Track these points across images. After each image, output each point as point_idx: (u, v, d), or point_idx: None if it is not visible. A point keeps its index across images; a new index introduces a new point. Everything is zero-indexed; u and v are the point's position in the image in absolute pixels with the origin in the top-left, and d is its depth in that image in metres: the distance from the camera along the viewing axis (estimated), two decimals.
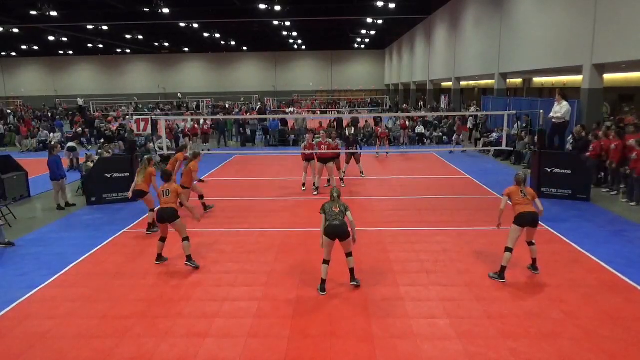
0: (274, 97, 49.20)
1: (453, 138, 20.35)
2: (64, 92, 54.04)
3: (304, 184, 12.52)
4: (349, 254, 6.58)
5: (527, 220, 6.65)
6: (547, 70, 18.35)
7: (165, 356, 5.08)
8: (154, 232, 8.94)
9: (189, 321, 5.79)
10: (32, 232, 9.47)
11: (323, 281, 6.48)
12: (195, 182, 10.41)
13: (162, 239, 7.63)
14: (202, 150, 20.26)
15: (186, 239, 7.37)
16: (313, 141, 12.31)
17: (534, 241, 6.93)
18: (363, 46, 53.77)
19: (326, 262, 6.48)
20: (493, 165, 16.65)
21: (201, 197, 10.62)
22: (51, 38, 38.76)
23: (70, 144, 17.17)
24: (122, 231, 9.42)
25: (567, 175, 11.07)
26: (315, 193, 12.05)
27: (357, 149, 14.34)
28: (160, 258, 7.69)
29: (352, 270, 6.65)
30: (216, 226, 9.62)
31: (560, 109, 11.99)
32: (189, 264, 7.38)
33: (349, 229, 6.44)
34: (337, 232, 6.35)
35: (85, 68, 56.55)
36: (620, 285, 6.58)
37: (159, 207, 7.49)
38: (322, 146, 11.98)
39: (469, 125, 21.62)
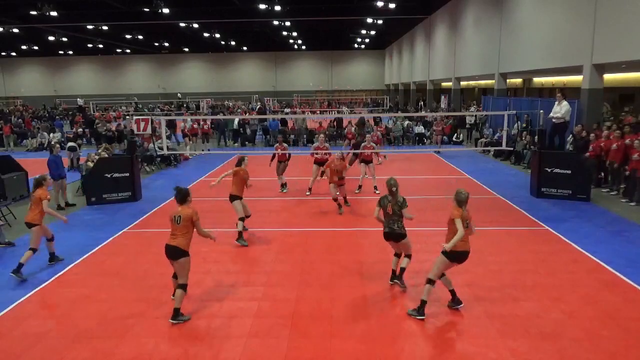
0: (274, 97, 49.19)
1: (433, 138, 20.38)
2: (64, 92, 54.01)
3: (310, 189, 12.32)
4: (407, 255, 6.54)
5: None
6: (547, 70, 18.35)
7: (165, 356, 5.08)
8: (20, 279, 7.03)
9: (189, 321, 5.78)
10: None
11: (393, 272, 6.63)
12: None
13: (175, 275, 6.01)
14: (202, 150, 20.29)
15: (183, 286, 5.77)
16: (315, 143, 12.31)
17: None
18: (363, 46, 53.74)
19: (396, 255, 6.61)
20: (493, 165, 16.65)
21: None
22: (51, 38, 38.74)
23: (70, 143, 17.16)
24: (122, 231, 9.42)
25: (567, 175, 11.07)
26: (308, 194, 12.05)
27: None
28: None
29: (402, 270, 6.57)
30: (216, 226, 9.60)
31: (560, 109, 11.99)
32: (174, 321, 5.68)
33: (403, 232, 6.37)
34: (391, 237, 6.52)
35: (85, 68, 56.51)
36: (620, 285, 6.58)
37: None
38: (320, 151, 11.95)
39: (467, 124, 21.72)
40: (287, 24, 34.93)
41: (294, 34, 43.17)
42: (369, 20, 32.66)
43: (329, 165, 10.33)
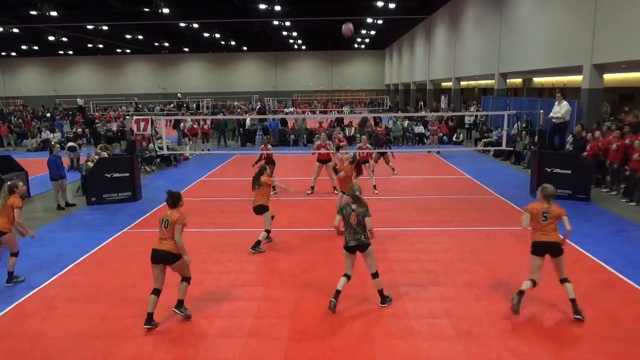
0: (274, 97, 49.19)
1: (427, 141, 20.37)
2: (64, 92, 54.01)
3: (312, 187, 12.27)
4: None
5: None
6: (547, 70, 18.35)
7: (165, 356, 5.08)
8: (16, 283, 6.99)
9: (189, 321, 5.78)
10: None
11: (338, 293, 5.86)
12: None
13: (155, 291, 5.65)
14: (202, 150, 20.29)
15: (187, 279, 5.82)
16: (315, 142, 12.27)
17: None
18: (363, 46, 53.75)
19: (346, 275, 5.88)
20: (493, 165, 16.65)
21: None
22: (51, 38, 38.76)
23: (70, 143, 17.17)
24: (122, 231, 9.42)
25: (567, 175, 11.06)
26: (310, 192, 12.05)
27: (386, 148, 14.06)
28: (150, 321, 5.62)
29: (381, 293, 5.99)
30: (216, 226, 9.61)
31: (560, 109, 11.99)
32: (177, 311, 5.77)
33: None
34: (357, 249, 5.80)
35: (85, 68, 56.51)
36: (620, 285, 6.58)
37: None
38: (322, 148, 11.97)
39: (466, 124, 21.74)
40: (287, 24, 34.94)
41: (294, 34, 43.18)
42: (369, 20, 32.69)
43: (342, 167, 9.22)
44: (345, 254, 5.82)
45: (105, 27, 34.14)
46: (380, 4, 26.32)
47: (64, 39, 39.95)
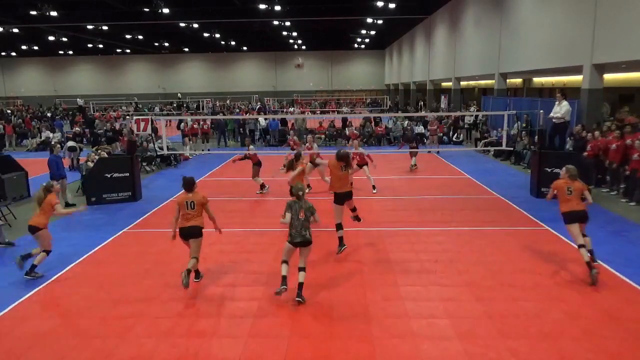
0: (274, 97, 49.19)
1: (427, 141, 20.39)
2: (64, 92, 54.01)
3: (308, 185, 12.31)
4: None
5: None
6: (547, 70, 18.34)
7: (165, 356, 5.08)
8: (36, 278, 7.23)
9: (189, 321, 5.79)
10: None
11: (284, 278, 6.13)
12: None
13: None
14: (202, 150, 20.30)
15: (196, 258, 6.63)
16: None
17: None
18: (363, 46, 53.75)
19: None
20: (493, 165, 16.65)
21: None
22: (51, 38, 38.75)
23: (71, 143, 17.16)
24: (122, 231, 9.42)
25: None
26: (307, 190, 12.14)
27: (417, 146, 15.35)
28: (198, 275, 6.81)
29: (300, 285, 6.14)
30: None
31: (560, 109, 11.99)
32: (197, 280, 6.76)
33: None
34: (302, 245, 6.15)
35: (85, 68, 56.51)
36: (620, 285, 6.58)
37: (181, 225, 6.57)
38: (308, 151, 12.16)
39: (465, 125, 21.74)
40: (287, 24, 34.94)
41: (294, 34, 43.18)
42: (369, 20, 32.68)
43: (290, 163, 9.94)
44: (289, 247, 6.16)
45: (105, 27, 34.14)
46: (380, 4, 26.31)
47: (64, 39, 39.95)
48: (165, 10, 26.68)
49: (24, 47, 47.84)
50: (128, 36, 40.06)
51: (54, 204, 7.27)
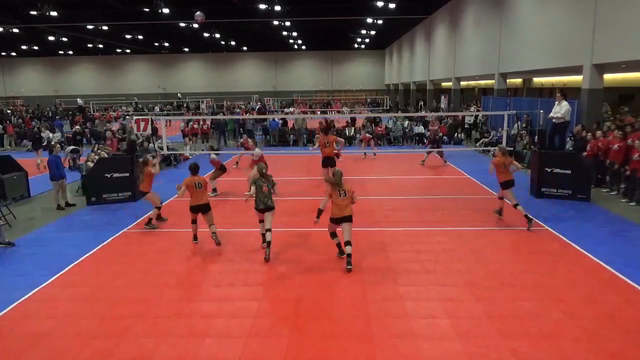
0: (274, 97, 49.19)
1: (427, 141, 20.37)
2: (64, 92, 54.05)
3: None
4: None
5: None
6: (547, 70, 18.35)
7: (165, 356, 5.08)
8: (153, 229, 9.40)
9: (189, 321, 5.79)
10: (32, 232, 9.47)
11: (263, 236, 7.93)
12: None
13: (194, 221, 8.46)
14: (202, 150, 20.27)
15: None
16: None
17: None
18: (363, 46, 53.76)
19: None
20: None
21: None
22: (51, 38, 38.76)
23: (73, 147, 17.16)
24: (122, 231, 9.42)
25: (567, 175, 11.07)
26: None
27: (440, 146, 16.79)
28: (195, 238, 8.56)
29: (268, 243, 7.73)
30: (216, 226, 9.59)
31: (560, 109, 11.98)
32: (214, 236, 8.27)
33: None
34: (265, 210, 7.76)
35: (85, 68, 56.54)
36: (620, 285, 6.58)
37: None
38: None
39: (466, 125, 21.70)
40: (287, 24, 34.94)
41: (294, 34, 43.18)
42: (369, 20, 32.68)
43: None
44: (257, 213, 7.94)
45: (105, 27, 34.15)
46: (380, 4, 26.31)
47: (64, 39, 39.96)
48: (165, 10, 26.68)
49: (24, 47, 47.84)
50: (128, 36, 40.07)
51: (150, 173, 9.50)
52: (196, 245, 8.53)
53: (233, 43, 49.22)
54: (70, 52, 54.18)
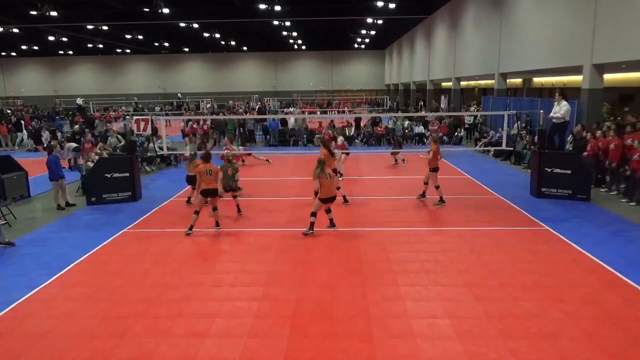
0: (274, 97, 49.17)
1: (427, 141, 20.39)
2: (64, 92, 54.01)
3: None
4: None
5: None
6: (547, 70, 18.34)
7: (165, 356, 5.09)
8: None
9: (189, 321, 5.79)
10: (32, 232, 9.47)
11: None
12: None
13: (196, 212, 9.05)
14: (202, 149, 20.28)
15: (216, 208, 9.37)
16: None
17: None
18: (363, 46, 53.72)
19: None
20: (493, 165, 16.65)
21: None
22: (51, 38, 38.73)
23: (74, 145, 17.15)
24: (122, 231, 9.42)
25: (567, 175, 11.07)
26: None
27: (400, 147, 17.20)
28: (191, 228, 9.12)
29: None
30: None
31: (560, 109, 11.98)
32: (217, 228, 9.25)
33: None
34: (230, 190, 10.05)
35: (85, 68, 56.50)
36: (620, 285, 6.58)
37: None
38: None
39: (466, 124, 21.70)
40: (287, 24, 34.92)
41: (294, 34, 43.15)
42: (369, 20, 32.65)
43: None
44: (224, 192, 9.72)
45: (105, 27, 34.12)
46: (380, 4, 26.28)
47: (64, 39, 39.93)
48: (165, 10, 26.66)
49: (24, 47, 47.80)
50: (128, 36, 40.04)
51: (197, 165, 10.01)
52: (196, 245, 8.50)
53: (233, 43, 49.19)
54: (70, 52, 54.15)
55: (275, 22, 33.36)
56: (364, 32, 41.64)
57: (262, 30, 39.31)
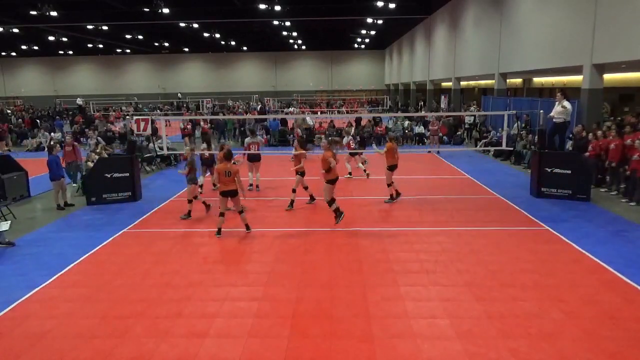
0: (274, 97, 49.17)
1: (427, 141, 20.40)
2: (64, 92, 54.01)
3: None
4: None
5: None
6: (547, 70, 18.34)
7: (165, 356, 5.08)
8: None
9: (189, 321, 5.79)
10: (32, 232, 9.47)
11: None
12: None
13: (222, 214, 8.93)
14: (202, 149, 20.27)
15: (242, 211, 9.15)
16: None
17: None
18: (363, 46, 53.73)
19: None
20: (493, 165, 16.65)
21: None
22: (51, 38, 38.74)
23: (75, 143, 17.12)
24: (122, 231, 9.42)
25: (567, 175, 11.07)
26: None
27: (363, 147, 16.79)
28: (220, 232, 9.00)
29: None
30: (216, 226, 9.60)
31: (560, 109, 11.99)
32: (247, 230, 9.13)
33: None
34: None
35: (85, 68, 56.51)
36: (620, 285, 6.58)
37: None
38: (252, 146, 12.48)
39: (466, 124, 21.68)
40: (287, 24, 34.93)
41: (294, 34, 43.16)
42: (369, 20, 32.67)
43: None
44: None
45: (105, 27, 34.14)
46: (380, 4, 26.30)
47: (64, 39, 39.94)
48: (165, 10, 26.67)
49: (24, 47, 47.81)
50: (128, 36, 40.05)
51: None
52: (196, 245, 8.52)
53: (233, 43, 49.20)
54: (70, 52, 54.15)
55: (275, 22, 33.38)
56: (364, 32, 41.65)
57: (262, 30, 39.34)
